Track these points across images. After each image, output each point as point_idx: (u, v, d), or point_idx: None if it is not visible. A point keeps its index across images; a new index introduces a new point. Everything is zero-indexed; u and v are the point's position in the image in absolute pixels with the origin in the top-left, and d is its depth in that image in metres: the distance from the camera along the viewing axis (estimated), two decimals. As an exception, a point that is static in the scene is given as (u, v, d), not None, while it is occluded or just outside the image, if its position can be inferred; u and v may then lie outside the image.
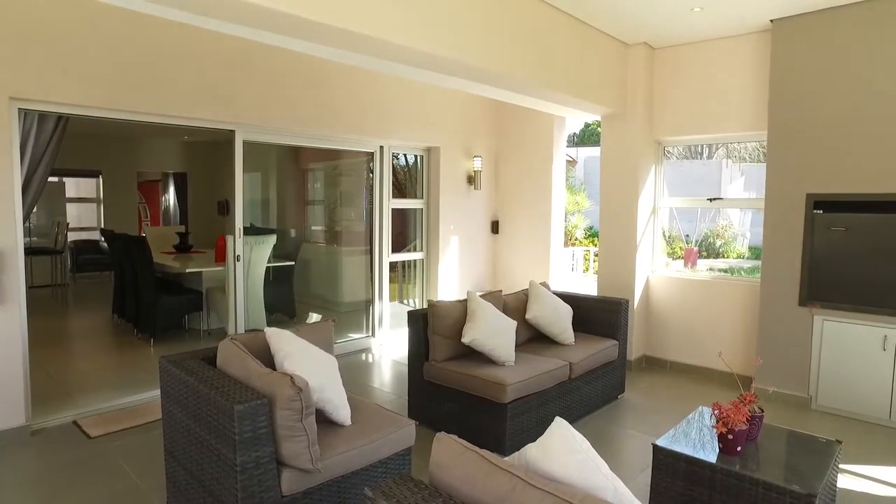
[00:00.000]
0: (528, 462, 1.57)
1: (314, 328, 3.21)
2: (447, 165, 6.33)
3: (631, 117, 5.35)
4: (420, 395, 3.93)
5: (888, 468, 3.53)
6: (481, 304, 3.81)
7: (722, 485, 2.68)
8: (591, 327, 4.55)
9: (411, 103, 5.89)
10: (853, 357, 4.32)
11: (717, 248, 13.53)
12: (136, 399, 4.32)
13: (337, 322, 6.31)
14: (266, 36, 3.16)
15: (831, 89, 4.34)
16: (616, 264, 5.50)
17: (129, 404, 4.26)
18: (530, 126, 6.49)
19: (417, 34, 3.38)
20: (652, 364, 5.59)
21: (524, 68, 4.17)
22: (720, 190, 15.22)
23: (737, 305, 5.09)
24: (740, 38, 4.94)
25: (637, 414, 4.37)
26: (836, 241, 4.40)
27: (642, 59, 5.28)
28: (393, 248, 6.19)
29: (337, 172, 7.89)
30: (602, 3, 4.34)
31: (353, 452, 2.53)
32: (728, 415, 2.75)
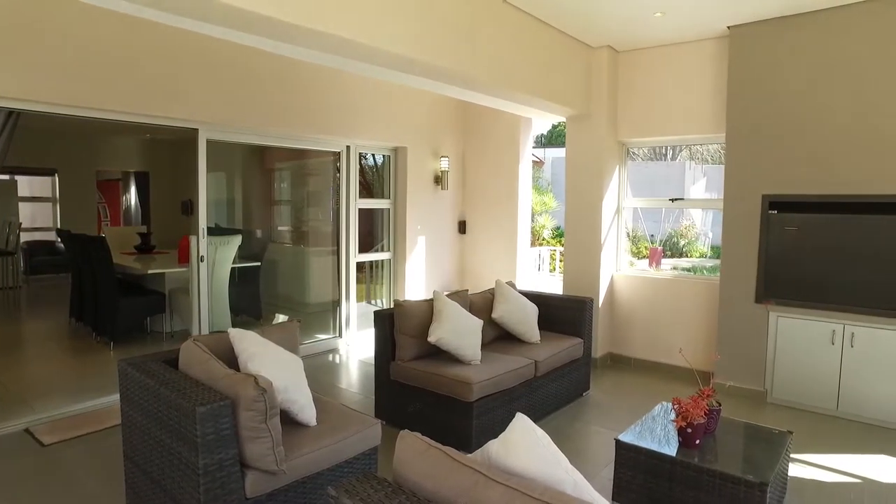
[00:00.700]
0: (491, 458, 1.60)
1: (279, 329, 3.18)
2: (414, 165, 6.33)
3: (595, 119, 5.44)
4: (387, 394, 3.93)
5: (835, 456, 3.68)
6: (447, 303, 3.84)
7: (681, 477, 2.77)
8: (556, 326, 4.62)
9: (378, 103, 5.89)
10: (805, 351, 4.49)
11: (681, 247, 13.84)
12: (95, 404, 4.20)
13: (304, 323, 6.29)
14: (234, 35, 3.12)
15: (785, 95, 4.50)
16: (581, 264, 5.59)
17: (87, 410, 4.14)
18: (497, 127, 6.54)
19: (383, 34, 3.38)
20: (617, 361, 5.70)
21: (490, 69, 4.21)
22: (684, 191, 15.58)
23: (698, 303, 5.23)
24: (700, 44, 5.08)
25: (602, 411, 4.46)
26: (789, 240, 4.56)
27: (606, 61, 5.38)
28: (360, 248, 6.17)
29: (304, 172, 7.82)
30: (566, 7, 4.41)
31: (319, 453, 2.52)
32: (687, 409, 2.83)
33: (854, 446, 3.84)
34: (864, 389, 4.26)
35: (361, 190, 6.47)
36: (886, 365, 4.17)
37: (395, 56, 3.55)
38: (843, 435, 4.03)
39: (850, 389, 4.32)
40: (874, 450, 3.80)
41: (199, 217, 4.81)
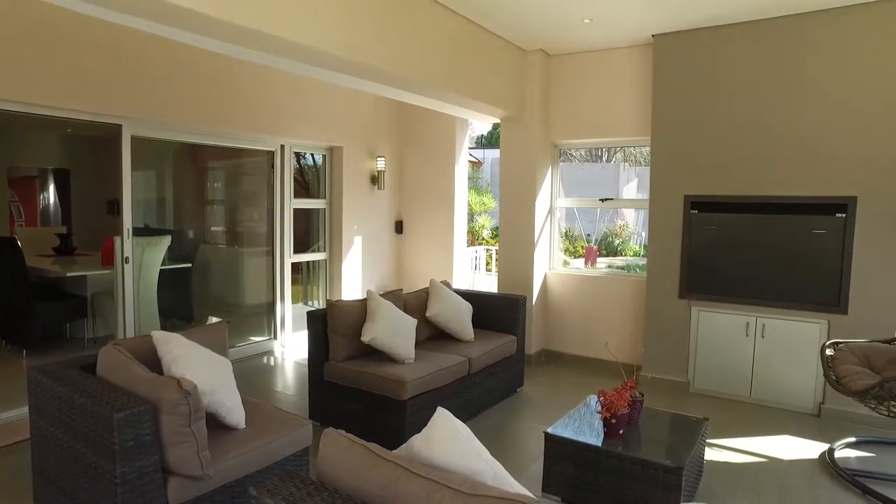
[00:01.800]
0: (414, 452, 1.63)
1: (207, 330, 3.10)
2: (350, 165, 6.29)
3: (529, 120, 5.58)
4: (321, 395, 3.90)
5: (746, 439, 3.94)
6: (381, 303, 3.85)
7: (606, 466, 2.89)
8: (490, 324, 4.70)
9: (313, 102, 5.81)
10: (723, 343, 4.76)
11: (616, 246, 14.31)
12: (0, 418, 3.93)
13: (238, 325, 6.13)
14: (158, 28, 3.02)
15: (703, 101, 4.76)
16: (515, 262, 5.71)
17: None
18: (433, 127, 6.59)
19: (317, 34, 3.36)
20: (550, 357, 5.86)
21: (424, 70, 4.25)
22: (618, 191, 16.14)
23: (627, 300, 5.45)
24: (628, 50, 5.29)
25: (535, 406, 4.57)
26: (709, 238, 4.82)
27: (539, 65, 5.52)
28: (296, 248, 6.08)
29: (238, 171, 7.60)
30: (500, 11, 4.50)
31: (247, 455, 2.48)
32: (611, 401, 2.96)
33: (763, 429, 4.11)
34: (774, 376, 4.57)
35: (300, 190, 6.37)
36: (792, 353, 4.49)
37: (329, 56, 3.53)
38: (754, 419, 4.30)
39: (761, 377, 4.62)
40: (780, 431, 4.08)
41: (125, 217, 4.61)
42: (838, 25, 4.24)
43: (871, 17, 4.13)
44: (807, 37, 4.35)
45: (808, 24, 4.34)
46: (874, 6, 4.10)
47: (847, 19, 4.21)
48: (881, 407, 3.20)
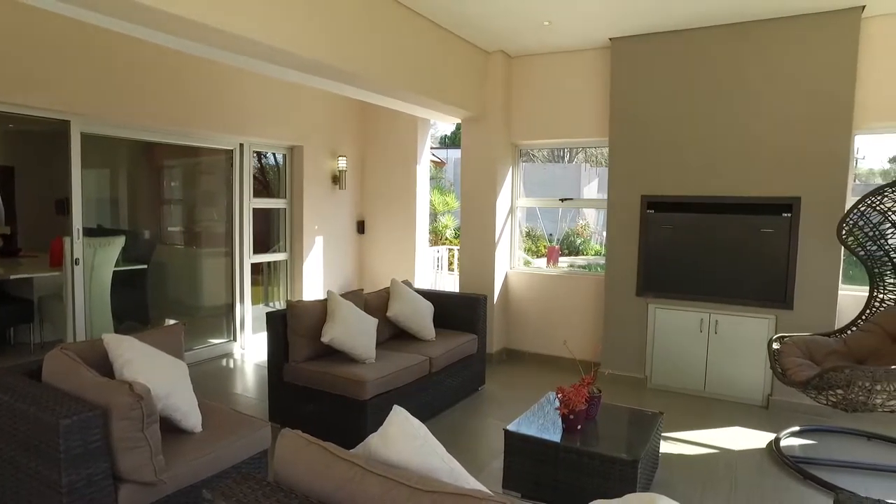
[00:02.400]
0: (371, 451, 1.63)
1: (161, 332, 3.03)
2: (311, 165, 6.23)
3: (490, 121, 5.62)
4: (281, 396, 3.85)
5: (700, 431, 4.07)
6: (341, 303, 3.82)
7: (565, 461, 2.94)
8: (451, 323, 4.72)
9: (273, 100, 5.73)
10: (678, 339, 4.90)
11: (578, 245, 14.55)
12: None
13: (197, 327, 6.00)
14: (107, 21, 2.93)
15: (658, 103, 4.89)
16: (476, 262, 5.75)
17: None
18: (395, 127, 6.58)
19: (278, 33, 3.32)
20: (512, 356, 5.92)
21: (386, 71, 4.24)
22: (579, 191, 16.39)
23: (586, 298, 5.54)
24: (587, 53, 5.39)
25: (496, 403, 4.62)
26: (665, 237, 4.95)
27: (500, 66, 5.57)
28: (256, 248, 5.98)
29: (196, 170, 7.43)
30: (461, 12, 4.53)
31: (204, 459, 2.43)
32: (569, 397, 3.01)
33: (715, 421, 4.25)
34: (726, 370, 4.73)
35: (260, 189, 6.27)
36: (743, 348, 4.65)
37: (289, 55, 3.50)
38: (707, 412, 4.44)
39: (714, 371, 4.77)
40: (731, 423, 4.23)
41: (74, 217, 4.46)
42: (778, 35, 4.43)
43: (808, 28, 4.33)
44: (751, 44, 4.53)
45: (751, 32, 4.52)
46: (813, 17, 4.29)
47: (787, 29, 4.40)
48: (821, 396, 3.35)
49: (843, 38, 4.25)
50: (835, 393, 3.26)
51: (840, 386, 3.21)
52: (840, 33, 4.26)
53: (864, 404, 3.22)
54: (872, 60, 4.32)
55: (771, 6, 4.22)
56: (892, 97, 4.25)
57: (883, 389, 3.12)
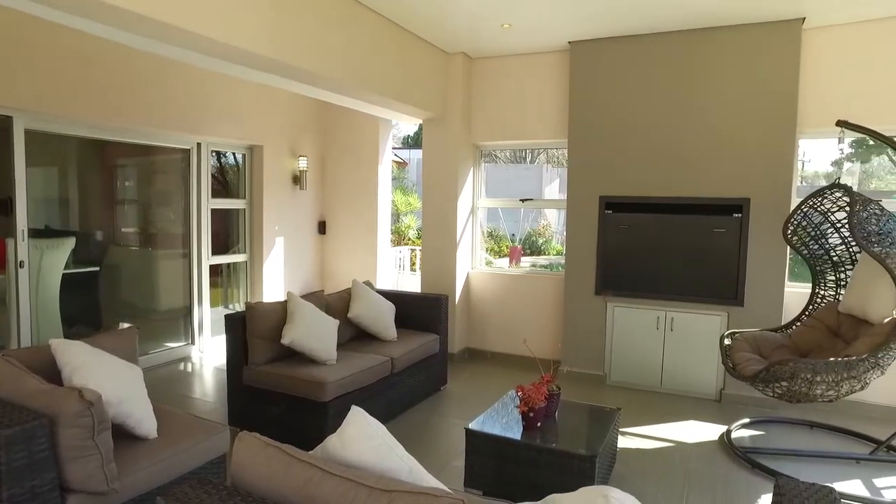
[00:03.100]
0: (329, 452, 1.63)
1: (114, 337, 2.95)
2: (271, 164, 6.15)
3: (450, 122, 5.65)
4: (240, 400, 3.80)
5: (656, 426, 4.19)
6: (301, 304, 3.79)
7: (525, 458, 2.98)
8: (413, 323, 4.73)
9: (232, 99, 5.63)
10: (636, 337, 5.03)
11: (540, 245, 14.73)
12: None
13: (153, 331, 5.84)
14: (66, 18, 2.84)
15: (615, 106, 5.00)
16: (438, 262, 5.78)
17: None
18: (356, 127, 6.55)
19: (237, 31, 3.27)
20: (474, 355, 5.96)
21: (346, 71, 4.22)
22: (541, 192, 16.59)
23: (547, 297, 5.62)
24: (546, 55, 5.47)
25: (458, 403, 4.65)
26: (622, 237, 5.07)
27: (461, 67, 5.61)
28: (215, 250, 5.87)
29: (152, 170, 7.22)
30: (422, 14, 4.54)
31: (159, 466, 2.39)
32: (529, 395, 3.06)
33: (671, 416, 4.38)
34: (681, 367, 4.88)
35: (219, 189, 6.14)
36: (697, 345, 4.80)
37: (249, 54, 3.45)
38: (663, 407, 4.57)
39: (670, 368, 4.91)
40: (686, 417, 4.36)
41: (19, 217, 4.29)
42: (727, 42, 4.59)
43: (753, 37, 4.51)
44: (701, 51, 4.69)
45: (701, 39, 4.68)
46: (758, 27, 4.47)
47: (734, 37, 4.57)
48: (768, 389, 3.49)
49: (786, 48, 4.44)
50: (780, 385, 3.41)
51: (785, 378, 3.35)
52: (783, 43, 4.45)
53: (807, 395, 3.37)
54: (813, 69, 4.52)
55: (717, 15, 4.38)
56: (831, 104, 4.45)
57: (823, 380, 3.27)
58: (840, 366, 3.26)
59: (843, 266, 4.09)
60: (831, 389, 3.33)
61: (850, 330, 3.79)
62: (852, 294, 3.83)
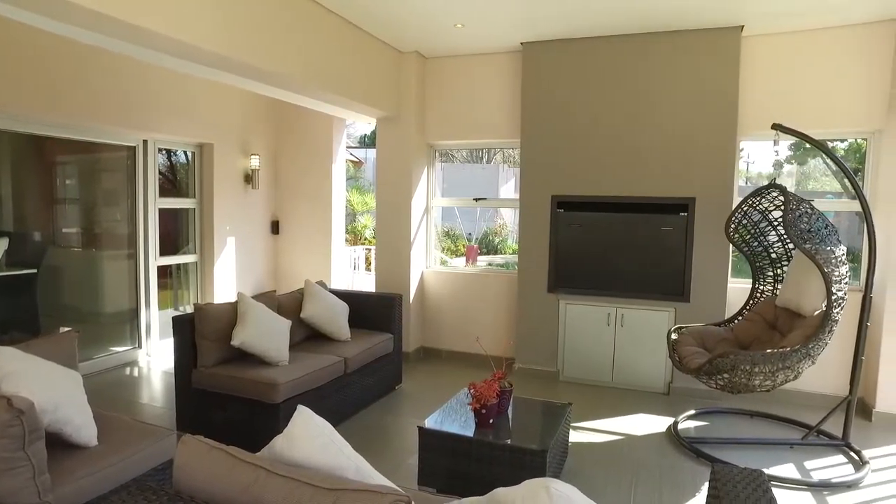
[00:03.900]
0: (276, 453, 1.61)
1: (51, 342, 2.83)
2: (222, 163, 6.01)
3: (404, 121, 5.65)
4: (189, 404, 3.70)
5: (607, 420, 4.30)
6: (252, 305, 3.73)
7: (478, 454, 3.01)
8: (367, 323, 4.71)
9: (180, 95, 5.48)
10: (588, 333, 5.14)
11: (496, 245, 14.85)
12: None
13: (97, 335, 5.62)
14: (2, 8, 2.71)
15: (566, 106, 5.10)
16: (392, 261, 5.77)
17: None
18: (309, 126, 6.47)
19: (181, 24, 3.18)
20: (429, 354, 5.97)
21: (298, 68, 4.17)
22: (497, 191, 16.72)
23: (502, 295, 5.69)
24: (499, 56, 5.52)
25: (413, 402, 4.66)
26: (574, 235, 5.17)
27: (415, 66, 5.61)
28: (164, 250, 5.70)
29: (95, 167, 6.94)
30: (375, 13, 4.52)
31: (100, 475, 2.30)
32: (481, 392, 3.09)
33: (621, 410, 4.50)
34: (631, 361, 5.01)
35: (169, 188, 5.97)
36: (647, 340, 4.95)
37: (195, 49, 3.36)
38: (614, 402, 4.69)
39: (621, 362, 5.04)
40: (635, 410, 4.49)
41: (-53, 217, 4.07)
42: (672, 47, 4.75)
43: (697, 43, 4.68)
44: (649, 55, 4.83)
45: (648, 43, 4.82)
46: (701, 33, 4.64)
47: (679, 43, 4.73)
48: (711, 381, 3.63)
49: (727, 54, 4.63)
50: (722, 377, 3.55)
51: (726, 370, 3.49)
52: (724, 49, 4.63)
53: (746, 385, 3.52)
54: (753, 74, 4.72)
55: (663, 21, 4.52)
56: (769, 108, 4.65)
57: (760, 371, 3.42)
58: (776, 357, 3.42)
59: (781, 262, 4.28)
60: (768, 380, 3.49)
61: (785, 323, 3.98)
62: (787, 289, 4.02)
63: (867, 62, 4.48)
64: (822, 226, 3.61)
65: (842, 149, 5.09)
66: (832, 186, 5.94)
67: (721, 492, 1.63)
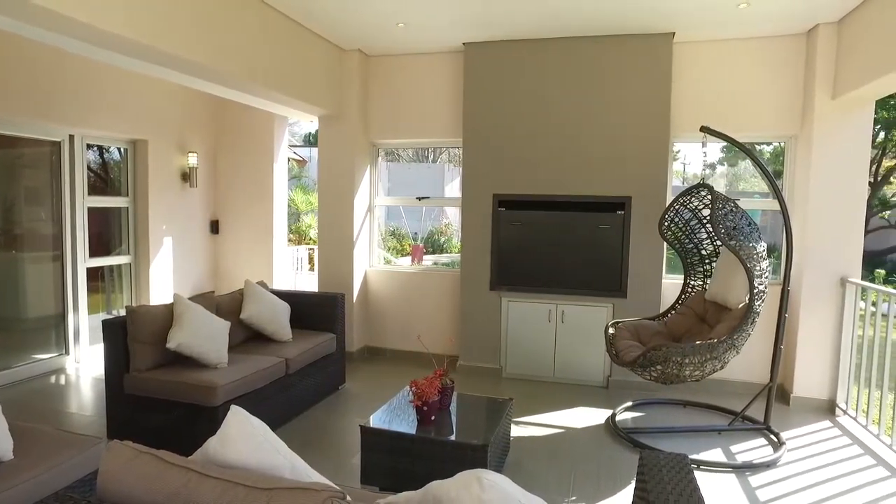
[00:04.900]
0: (209, 455, 1.58)
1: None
2: (157, 160, 5.80)
3: (347, 119, 5.60)
4: (122, 411, 3.56)
5: (548, 414, 4.40)
6: (189, 306, 3.62)
7: (420, 451, 3.03)
8: (310, 323, 4.66)
9: (112, 89, 5.25)
10: (530, 330, 5.24)
11: (442, 244, 14.91)
12: None
13: (18, 341, 5.31)
14: None
15: (508, 106, 5.18)
16: (335, 261, 5.72)
17: None
18: (250, 123, 6.33)
19: (104, 13, 3.05)
20: (373, 353, 5.95)
21: (240, 65, 4.08)
22: (443, 190, 16.77)
23: (445, 294, 5.73)
24: (442, 55, 5.56)
25: (357, 401, 4.63)
26: (515, 234, 5.27)
27: (357, 64, 5.57)
28: (94, 251, 5.44)
29: (15, 163, 6.55)
30: (317, 9, 4.47)
31: (16, 490, 2.18)
32: (423, 389, 3.11)
33: (562, 404, 4.62)
34: (572, 356, 5.15)
35: (101, 186, 5.70)
36: (586, 335, 5.09)
37: (121, 39, 3.22)
38: (555, 396, 4.81)
39: (562, 358, 5.17)
40: (575, 404, 4.62)
41: None
42: (608, 51, 4.91)
43: (632, 47, 4.85)
44: (586, 58, 4.97)
45: (586, 47, 4.96)
46: (635, 38, 4.82)
47: (615, 47, 4.89)
48: (646, 373, 3.78)
49: (660, 59, 4.82)
50: (655, 369, 3.70)
51: (659, 362, 3.64)
52: (657, 54, 4.82)
53: (678, 376, 3.69)
54: (684, 79, 4.94)
55: (601, 25, 4.67)
56: (700, 111, 4.88)
57: (690, 362, 3.60)
58: (704, 348, 3.60)
59: (710, 259, 4.50)
60: (698, 370, 3.66)
61: (714, 315, 4.19)
62: (715, 283, 4.23)
63: (784, 72, 4.77)
64: (746, 223, 3.81)
65: (768, 152, 5.40)
66: (760, 187, 6.29)
67: (647, 476, 1.71)
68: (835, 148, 4.50)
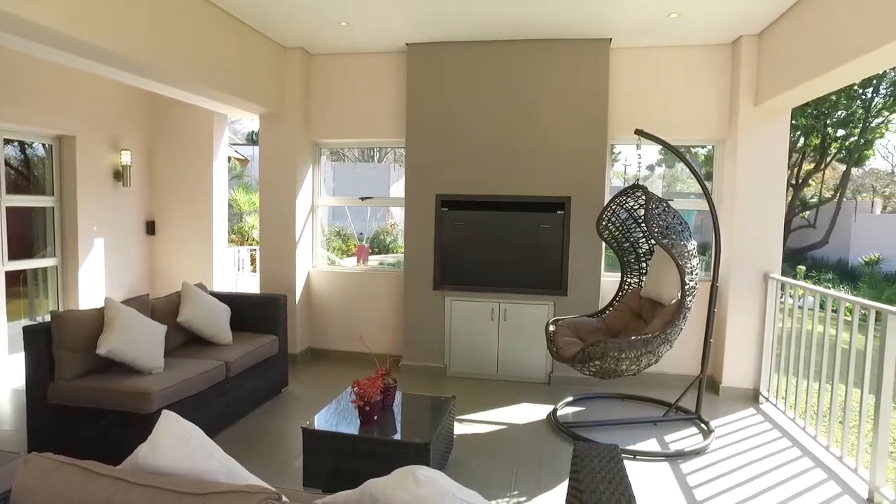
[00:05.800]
0: (139, 463, 1.54)
1: None
2: (87, 158, 5.53)
3: (288, 118, 5.52)
4: (45, 423, 3.38)
5: (491, 411, 4.47)
6: (121, 310, 3.48)
7: (362, 451, 3.03)
8: (251, 325, 4.56)
9: (35, 81, 4.97)
10: (473, 328, 5.31)
11: (387, 244, 14.86)
12: None
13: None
14: None
15: (450, 107, 5.23)
16: (277, 261, 5.62)
17: None
18: (188, 121, 6.13)
19: (46, 8, 2.90)
20: (317, 355, 5.88)
21: (176, 61, 3.95)
22: (388, 190, 16.72)
23: (390, 294, 5.72)
24: (385, 55, 5.54)
25: (301, 404, 4.57)
26: (458, 233, 5.32)
27: (299, 63, 5.50)
28: (13, 254, 5.14)
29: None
30: (257, 6, 4.39)
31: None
32: (365, 389, 3.11)
33: (505, 401, 4.70)
34: (514, 354, 5.25)
35: (24, 184, 5.39)
36: (528, 333, 5.20)
37: (61, 36, 3.08)
38: (498, 394, 4.88)
39: (505, 356, 5.26)
40: (518, 401, 4.71)
41: None
42: (548, 54, 5.04)
43: (571, 51, 5.00)
44: (527, 60, 5.08)
45: (526, 50, 5.07)
46: (574, 42, 4.96)
47: (555, 50, 5.02)
48: (585, 368, 3.90)
49: (598, 63, 4.98)
50: (594, 364, 3.82)
51: (597, 358, 3.77)
52: (595, 59, 4.98)
53: (615, 371, 3.82)
54: (621, 83, 5.12)
55: (541, 29, 4.78)
56: (635, 114, 5.08)
57: (626, 357, 3.74)
58: (639, 343, 3.75)
59: (645, 257, 4.68)
60: (634, 364, 3.81)
61: (649, 312, 4.37)
62: (650, 281, 4.41)
63: (713, 79, 5.02)
64: (678, 223, 3.99)
65: (703, 154, 5.65)
66: (696, 188, 6.56)
67: (579, 467, 1.78)
68: (757, 152, 4.78)
